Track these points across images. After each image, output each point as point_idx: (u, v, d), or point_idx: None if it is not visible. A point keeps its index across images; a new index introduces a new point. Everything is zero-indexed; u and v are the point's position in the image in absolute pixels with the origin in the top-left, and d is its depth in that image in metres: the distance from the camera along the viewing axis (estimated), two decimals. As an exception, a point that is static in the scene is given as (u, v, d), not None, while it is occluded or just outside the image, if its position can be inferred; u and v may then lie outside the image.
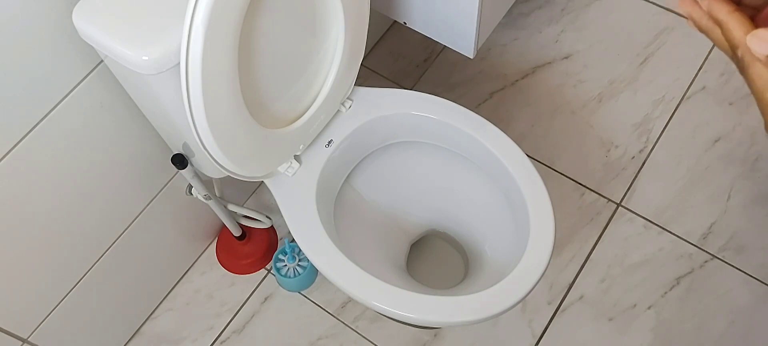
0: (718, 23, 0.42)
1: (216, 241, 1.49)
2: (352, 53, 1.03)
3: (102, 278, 1.20)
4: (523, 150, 1.05)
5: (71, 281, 1.14)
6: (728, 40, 0.41)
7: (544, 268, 0.95)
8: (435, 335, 1.36)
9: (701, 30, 0.43)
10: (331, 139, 1.09)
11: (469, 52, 1.18)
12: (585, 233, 1.45)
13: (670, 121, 1.56)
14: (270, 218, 1.37)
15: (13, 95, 0.85)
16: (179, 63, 0.75)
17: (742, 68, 0.41)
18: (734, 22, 0.40)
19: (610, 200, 1.48)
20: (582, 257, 1.42)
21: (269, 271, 1.46)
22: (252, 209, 1.34)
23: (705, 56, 1.64)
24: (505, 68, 1.67)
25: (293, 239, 1.33)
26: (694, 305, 1.35)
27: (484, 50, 1.70)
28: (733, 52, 0.41)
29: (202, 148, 0.86)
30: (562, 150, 1.55)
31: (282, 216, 1.03)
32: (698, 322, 1.34)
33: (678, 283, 1.38)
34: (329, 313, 1.40)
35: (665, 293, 1.37)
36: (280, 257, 1.41)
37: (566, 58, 1.67)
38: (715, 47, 1.64)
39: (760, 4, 0.43)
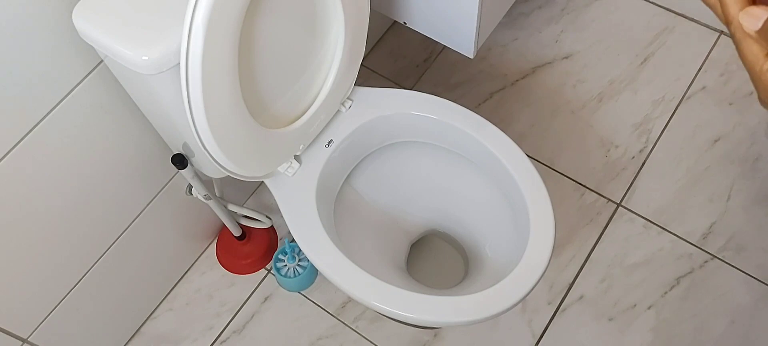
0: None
1: (216, 241, 1.49)
2: (352, 53, 1.03)
3: (102, 278, 1.20)
4: (523, 150, 1.05)
5: (71, 281, 1.15)
6: (724, 15, 0.45)
7: (544, 268, 0.95)
8: (435, 335, 1.36)
9: (708, 6, 0.47)
10: (331, 139, 1.09)
11: (469, 52, 1.18)
12: (585, 233, 1.45)
13: (670, 121, 1.56)
14: (270, 218, 1.37)
15: (13, 95, 0.85)
16: (179, 63, 0.75)
17: (735, 43, 0.45)
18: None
19: (610, 200, 1.48)
20: (582, 257, 1.42)
21: (269, 271, 1.46)
22: (252, 209, 1.34)
23: (705, 56, 1.64)
24: (505, 68, 1.67)
25: (293, 239, 1.33)
26: (694, 305, 1.35)
27: (484, 50, 1.70)
28: (728, 27, 0.45)
29: (202, 148, 0.86)
30: (562, 150, 1.55)
31: (282, 216, 1.03)
32: (698, 322, 1.34)
33: (678, 283, 1.38)
34: (329, 313, 1.40)
35: (665, 293, 1.37)
36: (280, 257, 1.41)
37: (566, 58, 1.67)
38: (715, 48, 1.64)
39: None
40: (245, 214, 1.35)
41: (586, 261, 1.42)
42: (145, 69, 0.79)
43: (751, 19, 0.42)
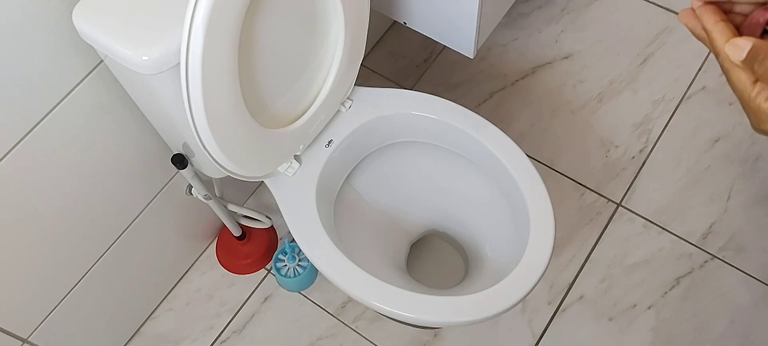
0: (706, 33, 0.48)
1: (216, 241, 1.49)
2: (352, 53, 1.03)
3: (102, 278, 1.20)
4: (523, 150, 1.05)
5: (71, 281, 1.15)
6: (712, 48, 0.47)
7: (544, 268, 0.95)
8: (435, 335, 1.36)
9: (698, 39, 0.49)
10: (331, 139, 1.09)
11: (469, 52, 1.18)
12: (585, 233, 1.45)
13: (670, 121, 1.56)
14: (270, 218, 1.37)
15: (13, 95, 0.85)
16: (179, 63, 0.75)
17: (725, 73, 0.47)
18: (717, 32, 0.46)
19: (610, 200, 1.48)
20: (582, 257, 1.42)
21: (269, 271, 1.46)
22: (252, 209, 1.34)
23: (705, 56, 1.64)
24: (505, 68, 1.67)
25: (293, 239, 1.33)
26: (694, 305, 1.35)
27: (484, 50, 1.70)
28: (717, 59, 0.48)
29: (202, 148, 0.86)
30: (562, 150, 1.55)
31: (282, 216, 1.03)
32: (698, 322, 1.34)
33: (678, 283, 1.38)
34: (329, 313, 1.40)
35: (665, 293, 1.37)
36: (280, 257, 1.41)
37: (566, 58, 1.67)
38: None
39: (750, 10, 0.48)
40: (245, 214, 1.35)
41: (586, 261, 1.42)
42: (145, 69, 0.79)
43: (735, 50, 0.45)
